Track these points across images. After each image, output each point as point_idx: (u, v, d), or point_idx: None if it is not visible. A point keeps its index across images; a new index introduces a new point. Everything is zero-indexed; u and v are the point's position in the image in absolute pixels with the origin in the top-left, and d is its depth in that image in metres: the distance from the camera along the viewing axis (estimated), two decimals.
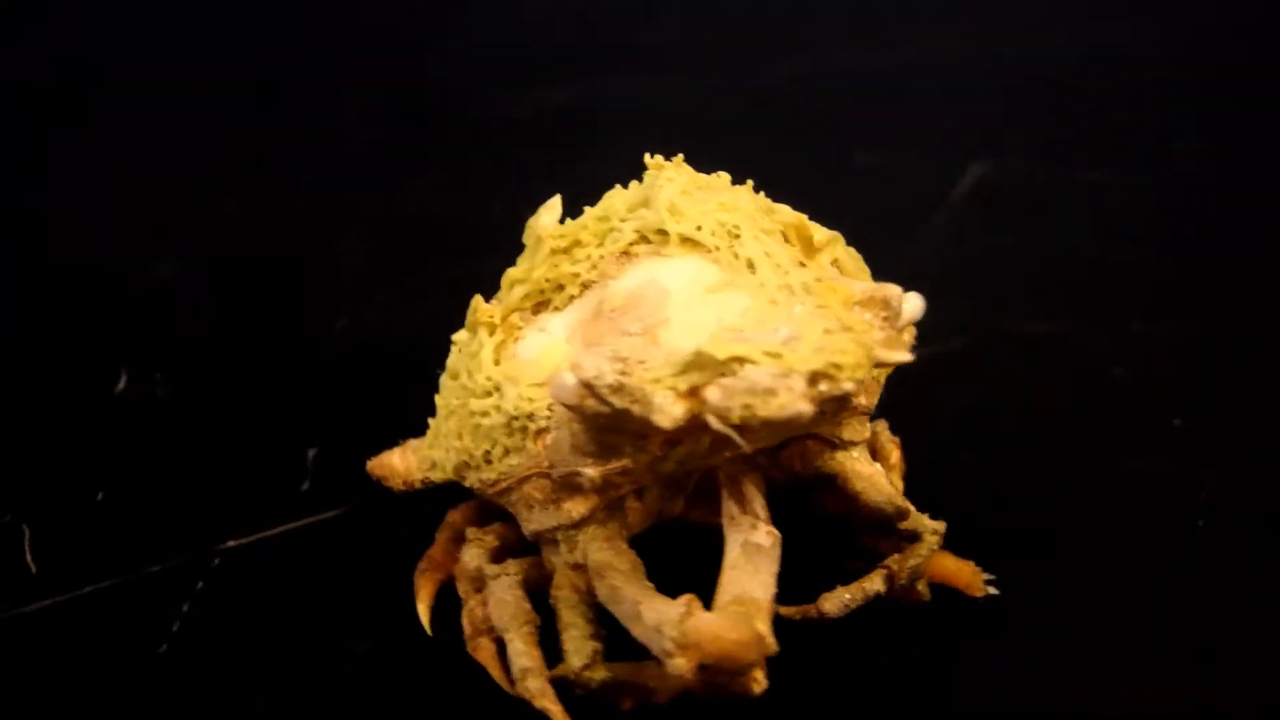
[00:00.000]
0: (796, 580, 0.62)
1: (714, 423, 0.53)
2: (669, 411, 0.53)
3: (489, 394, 0.63)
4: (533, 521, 0.64)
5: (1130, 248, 0.98)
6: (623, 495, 0.62)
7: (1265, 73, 1.21)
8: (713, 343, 0.53)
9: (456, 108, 1.23)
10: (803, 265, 0.59)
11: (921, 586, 0.66)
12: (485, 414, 0.63)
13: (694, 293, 0.58)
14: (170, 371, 0.87)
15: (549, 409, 0.60)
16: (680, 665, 0.54)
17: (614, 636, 0.60)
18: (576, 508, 0.62)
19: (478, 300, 0.64)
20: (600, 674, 0.60)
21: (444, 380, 0.67)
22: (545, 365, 0.61)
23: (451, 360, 0.67)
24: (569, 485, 0.61)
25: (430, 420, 0.69)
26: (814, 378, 0.52)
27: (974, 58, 1.27)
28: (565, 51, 1.33)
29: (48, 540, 0.72)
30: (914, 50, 1.29)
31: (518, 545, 0.68)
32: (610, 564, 0.62)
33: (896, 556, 0.65)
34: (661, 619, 0.55)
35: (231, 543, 0.72)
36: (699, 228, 0.60)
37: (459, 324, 0.65)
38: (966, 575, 0.67)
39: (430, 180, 1.12)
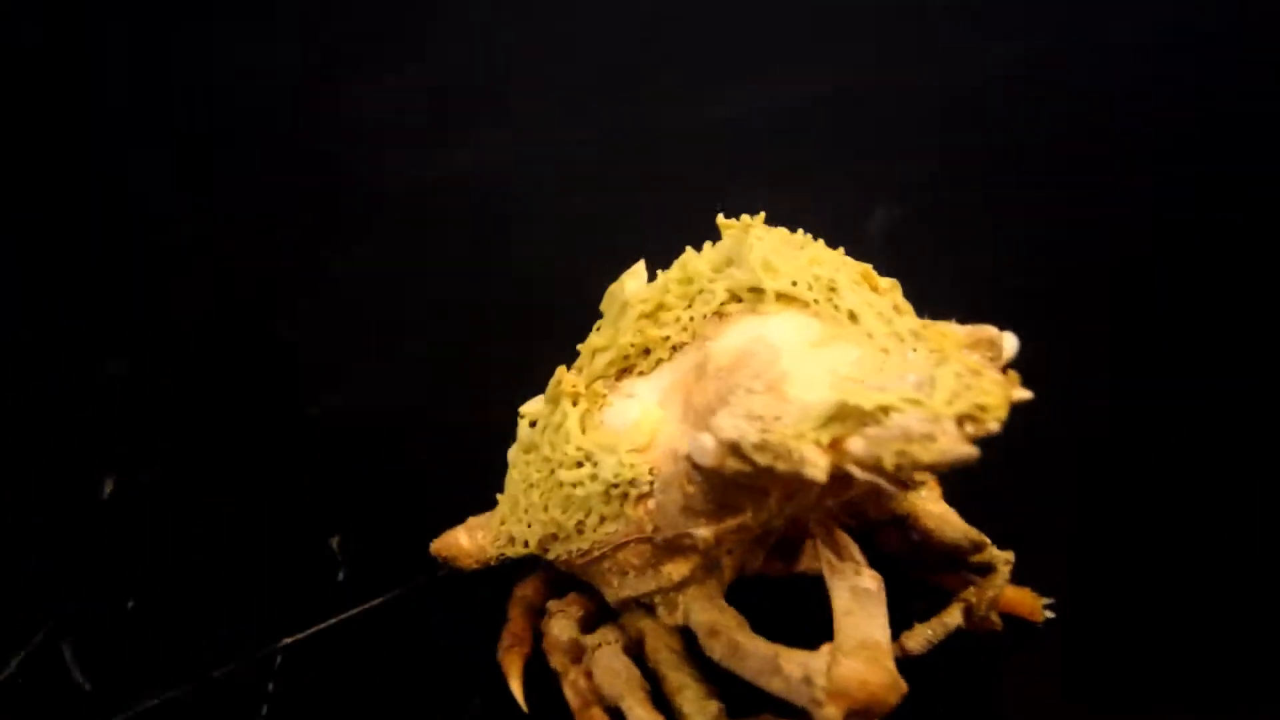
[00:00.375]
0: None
1: (858, 473, 0.54)
2: (819, 464, 0.53)
3: (579, 464, 0.62)
4: (626, 588, 0.64)
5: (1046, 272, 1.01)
6: (720, 555, 0.63)
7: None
8: (850, 394, 0.54)
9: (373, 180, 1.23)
10: (898, 312, 0.61)
11: (994, 616, 0.68)
12: (578, 484, 0.62)
13: (802, 347, 0.58)
14: (152, 471, 0.84)
15: (650, 474, 0.60)
16: (832, 714, 0.55)
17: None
18: (679, 569, 0.62)
19: (562, 372, 0.63)
20: None
21: (516, 454, 0.67)
22: (643, 430, 0.61)
23: (524, 434, 0.66)
24: (673, 547, 0.61)
25: (499, 496, 0.68)
26: (962, 420, 0.53)
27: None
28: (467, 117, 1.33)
29: (90, 655, 0.69)
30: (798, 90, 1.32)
31: (597, 614, 0.68)
32: (719, 622, 0.62)
33: (973, 590, 0.67)
34: (809, 670, 0.56)
35: (288, 640, 0.70)
36: (794, 283, 0.60)
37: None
38: (1029, 603, 0.70)
39: (360, 253, 1.11)
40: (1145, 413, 0.81)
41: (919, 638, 0.66)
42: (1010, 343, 0.60)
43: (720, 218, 0.64)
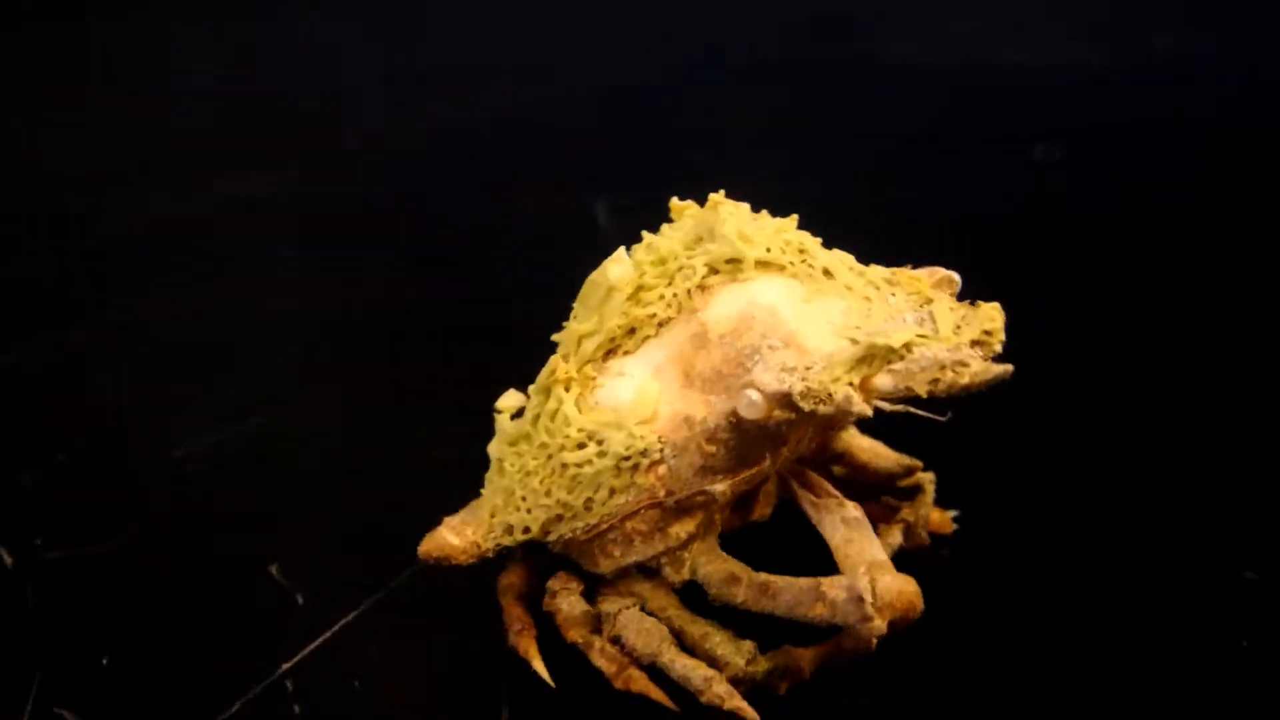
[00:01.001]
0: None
1: (887, 405, 0.61)
2: (861, 402, 0.60)
3: (582, 445, 0.65)
4: (631, 554, 0.68)
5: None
6: (720, 509, 0.68)
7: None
8: (872, 336, 0.60)
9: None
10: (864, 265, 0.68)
11: (923, 532, 0.76)
12: (585, 463, 0.65)
13: (794, 306, 0.64)
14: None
15: (659, 442, 0.65)
16: (879, 627, 0.61)
17: None
18: (685, 528, 0.67)
19: (556, 362, 0.66)
20: (763, 665, 0.66)
21: (501, 449, 0.69)
22: (646, 403, 0.64)
23: (508, 428, 0.68)
24: (682, 508, 0.66)
25: (483, 491, 0.70)
26: (974, 345, 0.61)
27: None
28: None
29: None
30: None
31: (590, 588, 0.71)
32: (734, 569, 0.67)
33: (908, 509, 0.75)
34: (856, 590, 0.61)
35: (285, 665, 0.69)
36: (768, 249, 0.66)
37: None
38: (940, 518, 0.78)
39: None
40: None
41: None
42: (958, 280, 0.68)
43: (674, 200, 0.69)
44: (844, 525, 0.65)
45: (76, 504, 0.83)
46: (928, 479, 0.75)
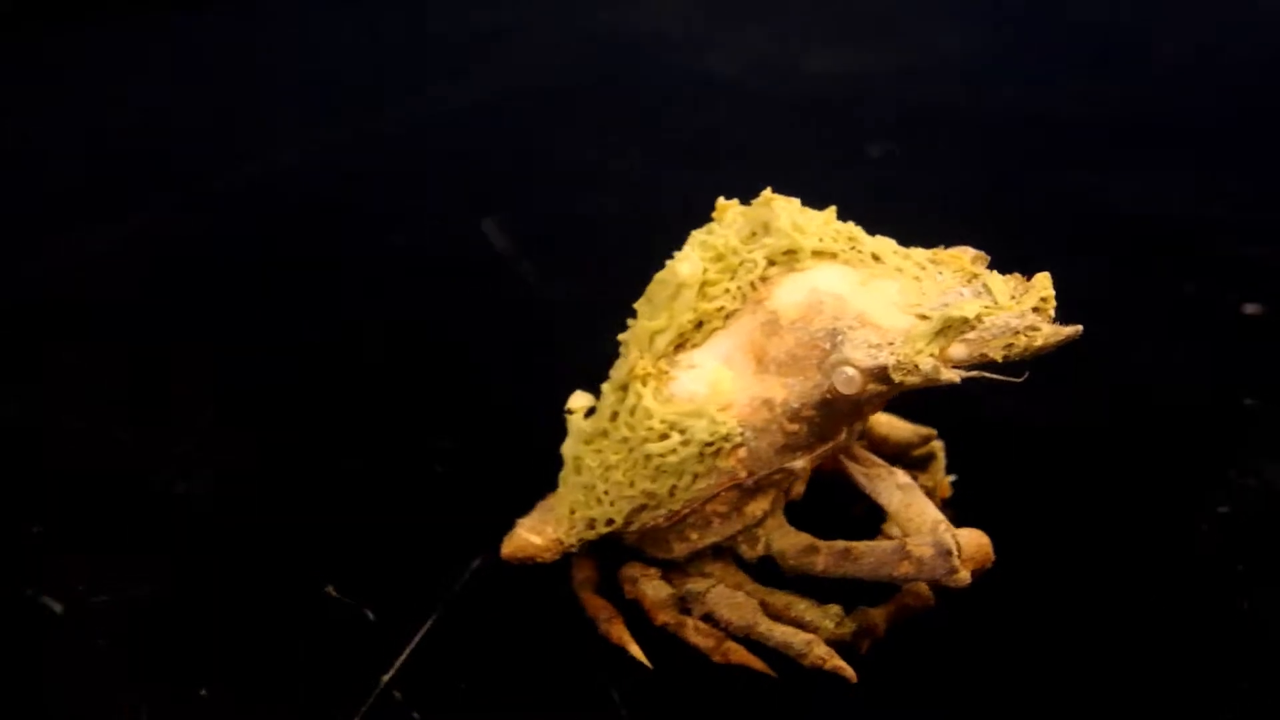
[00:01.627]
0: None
1: (962, 373, 0.66)
2: (948, 371, 0.65)
3: (665, 436, 0.69)
4: (709, 535, 0.72)
5: None
6: (792, 484, 0.73)
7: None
8: (945, 309, 0.66)
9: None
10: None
11: (938, 497, 0.82)
12: (669, 453, 0.69)
13: (854, 289, 0.68)
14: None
15: (740, 425, 0.69)
16: (965, 578, 0.66)
17: None
18: (760, 506, 0.71)
19: (635, 360, 0.70)
20: (849, 626, 0.70)
21: (577, 448, 0.72)
22: (724, 391, 0.68)
23: (582, 427, 0.72)
24: (758, 487, 0.70)
25: (559, 490, 0.73)
26: (1035, 311, 0.67)
27: None
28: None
29: None
30: None
31: (665, 573, 0.75)
32: (806, 540, 0.71)
33: (924, 475, 0.81)
34: (941, 546, 0.66)
35: (385, 676, 0.71)
36: (820, 239, 0.71)
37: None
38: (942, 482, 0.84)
39: None
40: None
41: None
42: (986, 256, 0.73)
43: (720, 200, 0.73)
44: (900, 490, 0.70)
45: (92, 552, 0.82)
46: (938, 446, 0.81)
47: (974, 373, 0.65)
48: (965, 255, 0.70)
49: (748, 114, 1.47)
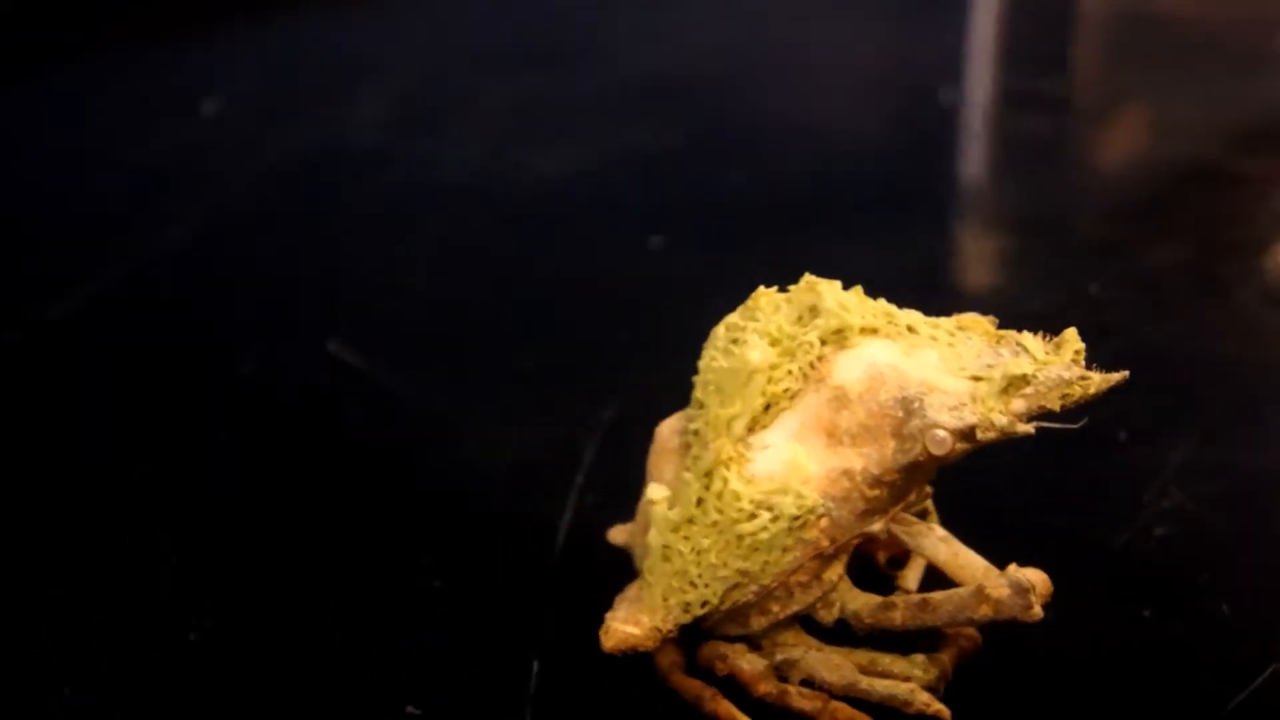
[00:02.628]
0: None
1: (1031, 426, 0.73)
2: (1024, 425, 0.72)
3: (754, 515, 0.73)
4: (792, 605, 0.76)
5: None
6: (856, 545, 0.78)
7: None
8: (998, 370, 0.73)
9: None
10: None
11: None
12: (761, 530, 0.73)
13: (904, 359, 0.75)
14: None
15: (821, 497, 0.74)
16: (1039, 613, 0.73)
17: None
18: (835, 570, 0.76)
19: (722, 447, 0.73)
20: (934, 672, 0.76)
21: (665, 536, 0.75)
22: (799, 467, 0.73)
23: (667, 517, 0.75)
24: (836, 555, 0.75)
25: (647, 578, 0.75)
26: (1074, 362, 0.75)
27: None
28: None
29: None
30: None
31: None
32: (879, 599, 0.77)
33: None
34: (1018, 584, 0.72)
35: None
36: (862, 316, 0.76)
37: None
38: None
39: None
40: None
41: (914, 575, 0.85)
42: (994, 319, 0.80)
43: (762, 288, 0.78)
44: (944, 544, 0.76)
45: None
46: (929, 502, 0.88)
47: (1035, 424, 0.72)
48: (984, 321, 0.77)
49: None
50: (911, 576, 0.85)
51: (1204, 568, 0.89)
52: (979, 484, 0.87)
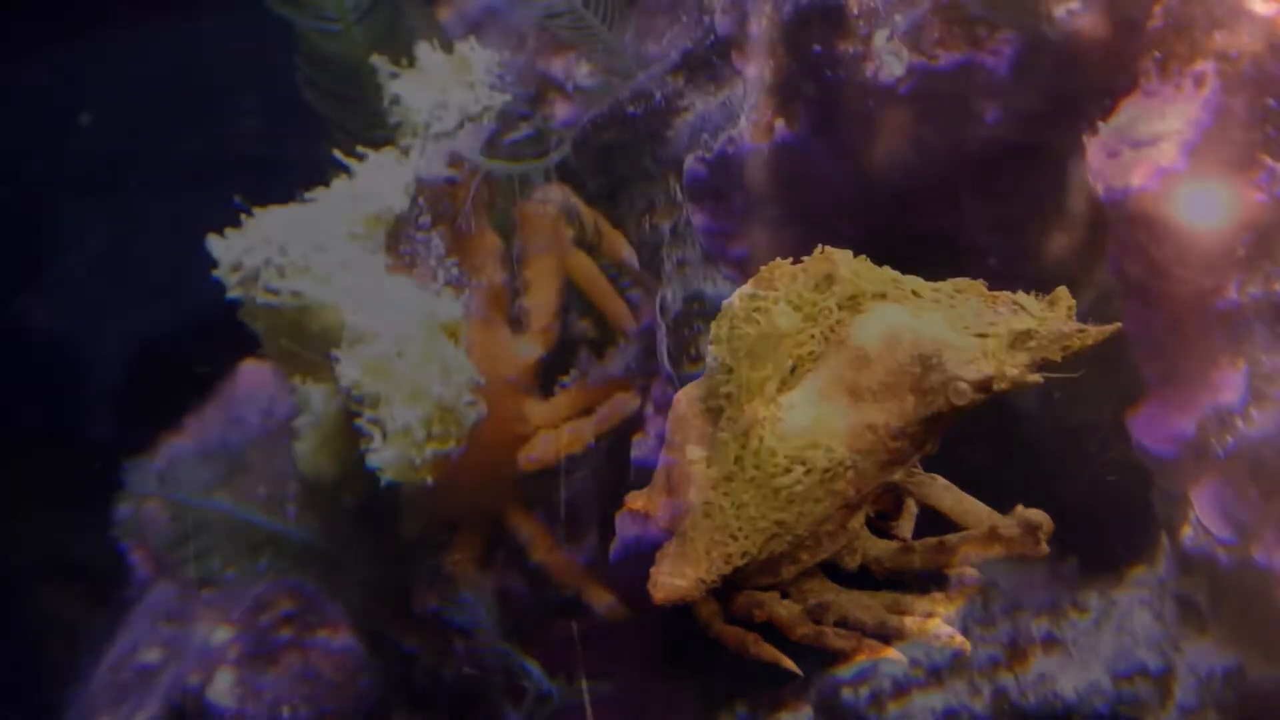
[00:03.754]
0: None
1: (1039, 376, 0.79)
2: (1033, 375, 0.79)
3: (788, 470, 0.79)
4: (820, 553, 0.82)
5: None
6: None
7: None
8: (1009, 323, 0.80)
9: None
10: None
11: None
12: (796, 484, 0.79)
13: (915, 320, 0.81)
14: None
15: (848, 450, 0.79)
16: (1045, 550, 0.79)
17: None
18: (858, 519, 0.82)
19: (753, 407, 0.79)
20: (953, 606, 0.82)
21: (705, 494, 0.80)
22: (827, 423, 0.79)
23: (711, 474, 0.81)
24: (860, 504, 0.81)
25: (689, 533, 0.80)
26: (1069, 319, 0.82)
27: None
28: None
29: None
30: None
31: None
32: (896, 544, 0.83)
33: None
34: (1029, 524, 0.79)
35: None
36: (872, 283, 0.82)
37: None
38: None
39: None
40: None
41: (907, 525, 0.91)
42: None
43: (778, 259, 0.83)
44: (947, 491, 0.83)
45: None
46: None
47: (1044, 374, 0.79)
48: (978, 284, 0.84)
49: None
50: (905, 526, 0.91)
51: None
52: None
